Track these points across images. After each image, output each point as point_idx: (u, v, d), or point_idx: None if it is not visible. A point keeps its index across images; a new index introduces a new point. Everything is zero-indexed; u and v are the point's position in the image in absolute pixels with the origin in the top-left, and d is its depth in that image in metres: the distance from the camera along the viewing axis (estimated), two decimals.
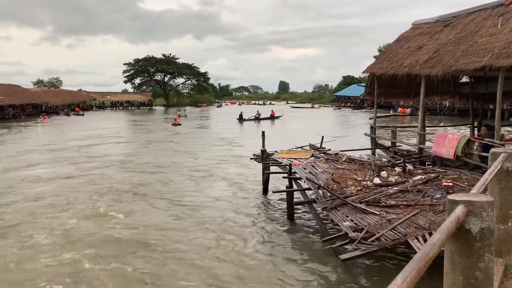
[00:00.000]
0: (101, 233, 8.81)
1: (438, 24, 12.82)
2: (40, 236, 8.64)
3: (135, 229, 9.10)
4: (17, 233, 8.81)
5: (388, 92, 15.52)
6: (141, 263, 7.27)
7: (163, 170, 16.18)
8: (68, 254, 7.63)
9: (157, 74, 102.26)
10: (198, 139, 28.28)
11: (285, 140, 22.49)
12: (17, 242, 8.25)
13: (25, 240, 8.40)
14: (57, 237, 8.59)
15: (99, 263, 7.25)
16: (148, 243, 8.26)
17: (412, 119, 39.67)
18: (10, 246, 8.06)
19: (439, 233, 1.63)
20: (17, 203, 11.20)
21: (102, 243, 8.26)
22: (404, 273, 1.27)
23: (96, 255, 7.58)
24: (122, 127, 41.56)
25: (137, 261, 7.37)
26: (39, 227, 9.17)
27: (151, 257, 7.55)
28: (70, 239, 8.44)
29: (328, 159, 11.72)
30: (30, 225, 9.35)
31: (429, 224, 6.31)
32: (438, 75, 10.51)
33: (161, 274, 6.86)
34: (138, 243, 8.28)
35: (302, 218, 9.71)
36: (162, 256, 7.58)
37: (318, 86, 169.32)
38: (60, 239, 8.44)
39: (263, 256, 7.55)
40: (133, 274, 6.89)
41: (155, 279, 6.68)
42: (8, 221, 9.66)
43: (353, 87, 73.98)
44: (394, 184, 8.81)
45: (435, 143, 10.88)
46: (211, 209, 10.70)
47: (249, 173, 14.92)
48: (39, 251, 7.84)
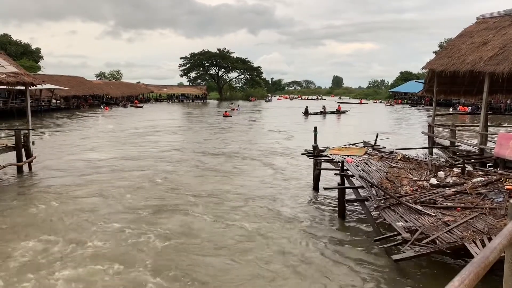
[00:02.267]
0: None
1: (506, 19, 12.13)
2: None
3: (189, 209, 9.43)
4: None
5: (448, 89, 14.94)
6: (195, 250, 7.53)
7: (229, 161, 16.55)
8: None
9: (212, 68, 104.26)
10: (254, 131, 28.60)
11: (340, 135, 22.19)
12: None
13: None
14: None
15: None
16: (195, 234, 8.53)
17: (473, 118, 37.77)
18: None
19: (500, 237, 1.61)
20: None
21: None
22: (462, 275, 1.28)
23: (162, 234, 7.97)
24: (183, 118, 43.43)
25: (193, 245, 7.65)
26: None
27: (194, 244, 7.80)
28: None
29: (383, 157, 11.47)
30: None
31: (489, 228, 6.05)
32: (504, 73, 9.97)
33: (211, 266, 7.07)
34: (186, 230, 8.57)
35: (353, 217, 9.60)
36: (203, 247, 7.79)
37: (374, 82, 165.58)
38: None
39: (314, 253, 7.56)
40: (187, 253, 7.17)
41: (206, 274, 6.89)
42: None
43: (410, 83, 71.55)
44: (452, 185, 8.49)
45: (498, 143, 10.34)
46: (263, 202, 10.81)
47: (301, 168, 14.91)
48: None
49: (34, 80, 14.45)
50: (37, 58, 75.52)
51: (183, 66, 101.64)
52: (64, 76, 57.58)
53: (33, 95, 40.71)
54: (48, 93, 46.32)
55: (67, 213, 9.70)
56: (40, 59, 77.45)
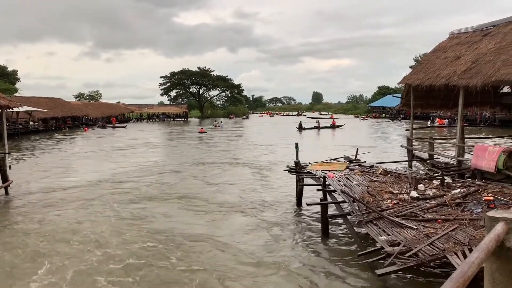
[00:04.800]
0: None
1: (477, 34, 12.52)
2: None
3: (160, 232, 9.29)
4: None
5: (425, 103, 15.25)
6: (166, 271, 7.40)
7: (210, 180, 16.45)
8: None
9: (192, 87, 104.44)
10: (237, 147, 28.62)
11: (325, 150, 22.36)
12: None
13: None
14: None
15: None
16: (169, 254, 8.40)
17: (450, 131, 38.56)
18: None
19: (478, 251, 1.62)
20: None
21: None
22: None
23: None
24: (165, 136, 43.59)
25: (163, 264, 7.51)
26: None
27: (173, 264, 7.67)
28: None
29: (363, 171, 11.57)
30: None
31: (469, 239, 6.12)
32: (477, 86, 10.24)
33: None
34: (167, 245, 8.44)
35: (337, 232, 9.60)
36: (187, 267, 7.68)
37: (353, 97, 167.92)
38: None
39: (297, 270, 7.52)
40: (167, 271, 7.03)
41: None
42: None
43: (388, 98, 72.91)
44: (432, 198, 8.59)
45: (475, 155, 10.56)
46: (245, 218, 10.75)
47: (284, 184, 14.92)
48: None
49: (10, 103, 14.17)
50: (13, 80, 74.43)
51: (163, 85, 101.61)
52: (41, 98, 56.69)
53: (10, 118, 39.92)
54: (26, 115, 45.47)
55: (44, 237, 9.45)
56: (17, 81, 76.37)
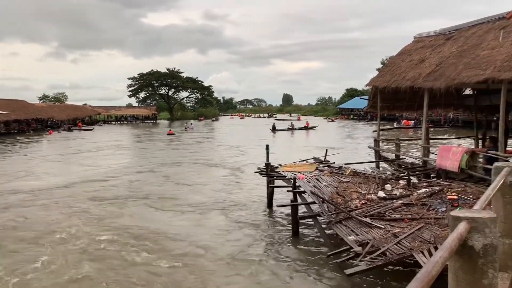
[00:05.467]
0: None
1: (440, 37, 12.90)
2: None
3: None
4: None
5: (391, 105, 15.57)
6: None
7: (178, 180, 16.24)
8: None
9: (162, 88, 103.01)
10: (208, 148, 28.45)
11: (294, 151, 22.50)
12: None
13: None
14: None
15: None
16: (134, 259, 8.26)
17: (416, 132, 39.61)
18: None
19: (441, 250, 1.64)
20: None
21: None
22: None
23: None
24: (133, 139, 42.52)
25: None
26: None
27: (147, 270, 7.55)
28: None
29: (333, 172, 11.71)
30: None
31: (435, 238, 6.28)
32: (441, 88, 10.55)
33: None
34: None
35: (307, 232, 9.67)
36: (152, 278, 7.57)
37: (322, 99, 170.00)
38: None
39: (267, 272, 7.52)
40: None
41: None
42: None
43: (356, 100, 74.07)
44: (399, 198, 8.78)
45: (439, 155, 10.86)
46: (214, 221, 10.69)
47: (255, 186, 14.92)
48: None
49: None
50: None
51: (131, 86, 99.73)
52: (3, 100, 54.65)
53: None
54: None
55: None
56: None
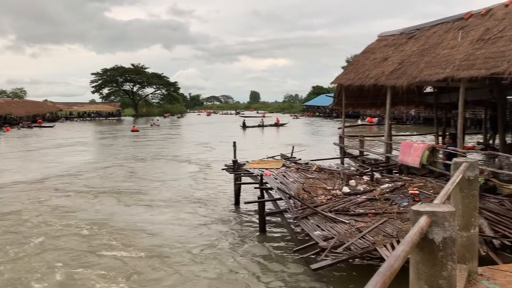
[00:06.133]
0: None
1: (403, 36, 13.23)
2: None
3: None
4: None
5: (355, 102, 15.85)
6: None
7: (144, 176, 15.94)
8: None
9: (126, 84, 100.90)
10: (174, 145, 28.08)
11: (263, 148, 22.55)
12: None
13: None
14: None
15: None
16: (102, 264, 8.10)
17: (380, 128, 40.57)
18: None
19: (403, 244, 1.67)
20: None
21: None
22: (369, 286, 1.29)
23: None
24: (96, 135, 41.30)
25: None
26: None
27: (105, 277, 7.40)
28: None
29: (299, 169, 11.82)
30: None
31: (397, 232, 6.45)
32: (403, 86, 10.82)
33: None
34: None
35: (274, 229, 9.72)
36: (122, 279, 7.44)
37: (289, 96, 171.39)
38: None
39: (233, 267, 7.52)
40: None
41: None
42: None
43: (322, 97, 74.96)
44: (363, 193, 8.95)
45: (401, 152, 11.16)
46: (182, 217, 10.59)
47: (222, 183, 14.87)
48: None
49: None
50: None
51: (94, 82, 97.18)
52: None
53: None
54: None
55: None
56: None
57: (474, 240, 3.62)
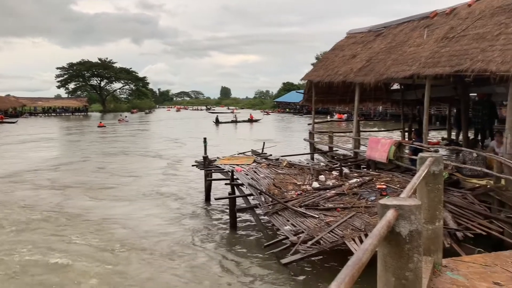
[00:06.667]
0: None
1: (371, 34, 13.45)
2: None
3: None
4: None
5: (325, 99, 16.02)
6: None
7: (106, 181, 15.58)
8: None
9: (93, 79, 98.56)
10: (144, 141, 27.62)
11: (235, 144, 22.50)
12: None
13: None
14: None
15: None
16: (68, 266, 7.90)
17: (348, 124, 41.22)
18: None
19: (371, 238, 1.70)
20: None
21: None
22: (338, 279, 1.30)
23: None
24: (62, 131, 40.10)
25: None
26: None
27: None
28: None
29: (270, 165, 11.86)
30: None
31: (365, 225, 6.58)
32: (370, 83, 11.01)
33: None
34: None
35: (245, 224, 9.73)
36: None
37: (260, 92, 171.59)
38: None
39: (204, 263, 7.48)
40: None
41: None
42: None
43: (292, 94, 75.44)
44: (332, 188, 9.09)
45: (369, 147, 11.36)
46: (152, 213, 10.44)
47: (193, 179, 14.75)
48: None
49: None
50: None
51: (60, 76, 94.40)
52: None
53: None
54: None
55: None
56: None
57: (439, 233, 3.73)
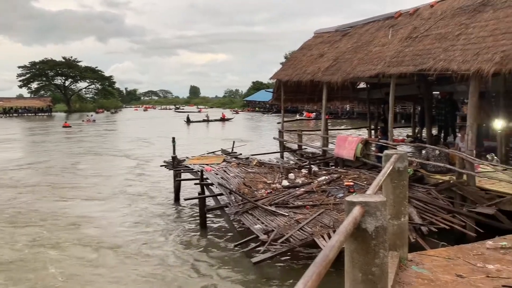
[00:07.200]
0: None
1: (338, 33, 13.64)
2: None
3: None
4: None
5: (294, 98, 16.14)
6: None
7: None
8: None
9: (57, 78, 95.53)
10: (112, 141, 27.03)
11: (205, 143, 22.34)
12: None
13: None
14: None
15: None
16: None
17: (317, 123, 41.70)
18: None
19: (337, 234, 1.71)
20: None
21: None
22: (305, 277, 1.31)
23: None
24: (25, 132, 38.56)
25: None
26: None
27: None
28: None
29: (240, 164, 11.85)
30: None
31: (333, 222, 6.67)
32: (337, 82, 11.18)
33: None
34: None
35: (215, 224, 9.69)
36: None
37: (229, 91, 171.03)
38: None
39: (173, 264, 7.41)
40: None
41: None
42: None
43: (262, 93, 75.62)
44: (301, 186, 9.16)
45: (337, 145, 11.53)
46: (120, 213, 10.24)
47: (165, 179, 14.55)
48: None
49: None
50: None
51: (22, 76, 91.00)
52: None
53: None
54: None
55: None
56: None
57: (404, 228, 3.82)
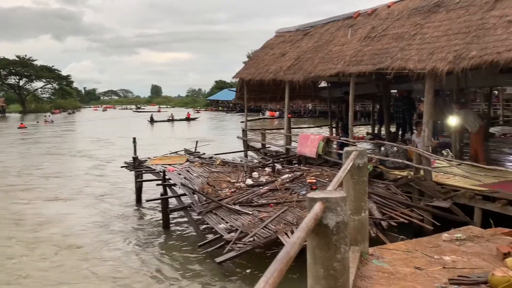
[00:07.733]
0: None
1: (299, 33, 13.80)
2: None
3: None
4: None
5: (257, 97, 16.20)
6: None
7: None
8: None
9: (10, 78, 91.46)
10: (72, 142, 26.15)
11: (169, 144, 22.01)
12: None
13: None
14: None
15: None
16: None
17: (280, 122, 42.05)
18: None
19: (299, 231, 1.73)
20: None
21: None
22: (267, 275, 1.31)
23: None
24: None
25: None
26: None
27: None
28: None
29: (203, 163, 11.77)
30: None
31: (297, 219, 6.75)
32: (299, 81, 11.31)
33: None
34: None
35: (179, 225, 9.58)
36: None
37: (192, 90, 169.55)
38: None
39: (136, 266, 7.27)
40: None
41: None
42: None
43: (225, 92, 75.42)
44: (265, 184, 9.21)
45: (299, 143, 11.68)
46: (80, 216, 9.93)
47: (123, 181, 14.22)
48: None
49: None
50: None
51: None
52: None
53: None
54: None
55: None
56: None
57: (364, 223, 3.91)
